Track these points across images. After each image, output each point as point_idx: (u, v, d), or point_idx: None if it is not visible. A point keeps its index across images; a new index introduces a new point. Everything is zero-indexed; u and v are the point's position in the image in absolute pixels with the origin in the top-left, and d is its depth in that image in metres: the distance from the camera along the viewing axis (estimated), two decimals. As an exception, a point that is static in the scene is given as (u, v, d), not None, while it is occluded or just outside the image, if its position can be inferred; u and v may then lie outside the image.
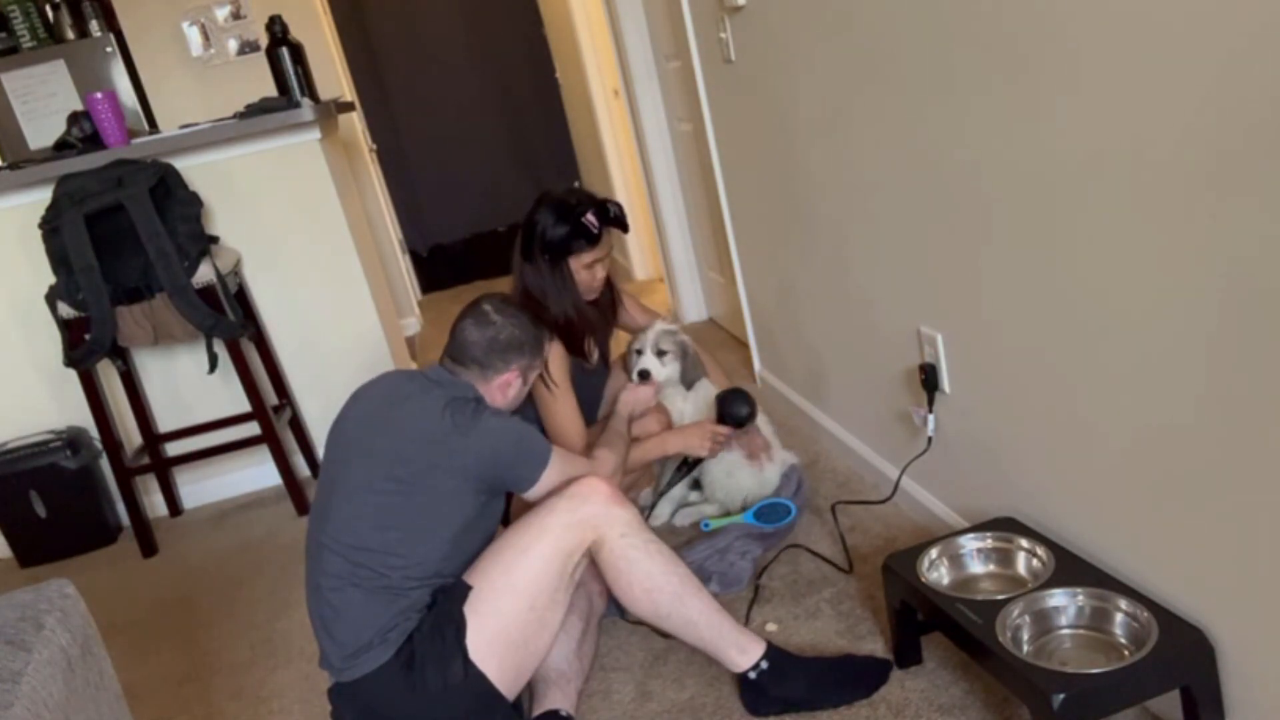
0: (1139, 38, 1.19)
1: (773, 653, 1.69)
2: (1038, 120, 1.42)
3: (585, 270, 2.16)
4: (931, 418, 2.00)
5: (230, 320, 2.89)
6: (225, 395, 3.26)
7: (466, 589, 1.63)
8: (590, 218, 2.10)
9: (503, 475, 1.70)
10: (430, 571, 1.64)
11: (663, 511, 2.41)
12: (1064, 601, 1.50)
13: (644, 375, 2.28)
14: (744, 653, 1.68)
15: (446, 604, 1.63)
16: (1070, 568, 1.56)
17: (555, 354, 2.12)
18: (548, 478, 1.72)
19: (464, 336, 1.78)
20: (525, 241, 2.15)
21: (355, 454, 1.69)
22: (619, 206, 2.17)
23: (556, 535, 1.64)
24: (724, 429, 2.21)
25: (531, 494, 1.73)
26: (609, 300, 2.34)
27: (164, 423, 3.29)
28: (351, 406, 1.79)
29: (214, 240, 3.06)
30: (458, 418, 1.66)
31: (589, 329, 2.24)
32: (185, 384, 3.27)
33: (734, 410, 2.21)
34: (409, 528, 1.63)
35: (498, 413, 1.72)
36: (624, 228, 2.18)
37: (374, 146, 5.59)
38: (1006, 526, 1.72)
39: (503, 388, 1.79)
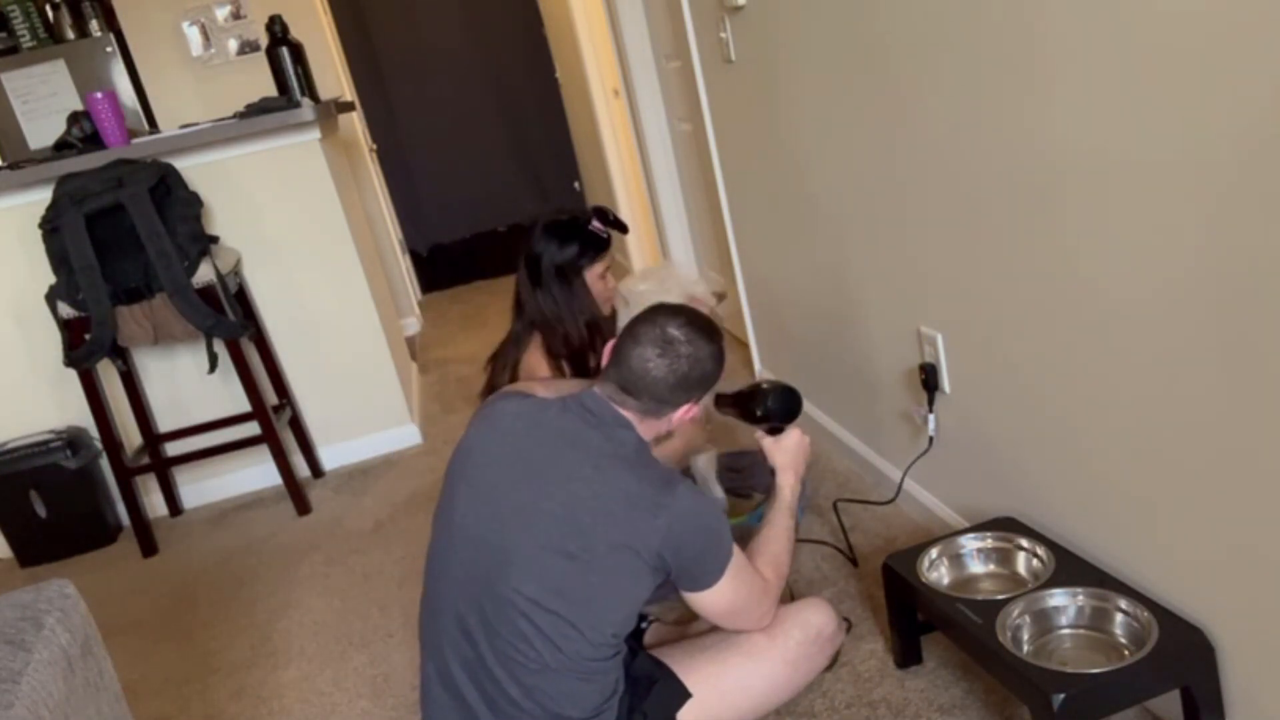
0: (1140, 31, 1.19)
1: None
2: (1037, 119, 1.42)
3: (600, 281, 2.15)
4: (932, 418, 2.00)
5: (230, 320, 2.89)
6: (225, 395, 3.26)
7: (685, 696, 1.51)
8: (596, 224, 2.11)
9: (682, 566, 1.44)
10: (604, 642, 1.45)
11: None
12: (1064, 601, 1.50)
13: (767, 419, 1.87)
14: None
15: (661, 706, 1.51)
16: (1070, 568, 1.56)
17: (538, 371, 2.08)
18: (722, 587, 1.47)
19: (644, 368, 1.48)
20: (532, 271, 2.11)
21: (514, 508, 1.45)
22: (613, 211, 2.18)
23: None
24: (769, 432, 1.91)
25: (696, 597, 1.48)
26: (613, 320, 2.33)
27: (164, 423, 3.29)
28: (489, 436, 1.53)
29: (214, 240, 3.06)
30: (647, 488, 1.41)
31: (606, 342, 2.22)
32: (185, 384, 3.27)
33: (783, 407, 1.90)
34: (580, 601, 1.42)
35: (691, 488, 1.45)
36: (624, 229, 2.19)
37: (374, 146, 5.59)
38: (1006, 526, 1.72)
39: (669, 421, 1.54)
